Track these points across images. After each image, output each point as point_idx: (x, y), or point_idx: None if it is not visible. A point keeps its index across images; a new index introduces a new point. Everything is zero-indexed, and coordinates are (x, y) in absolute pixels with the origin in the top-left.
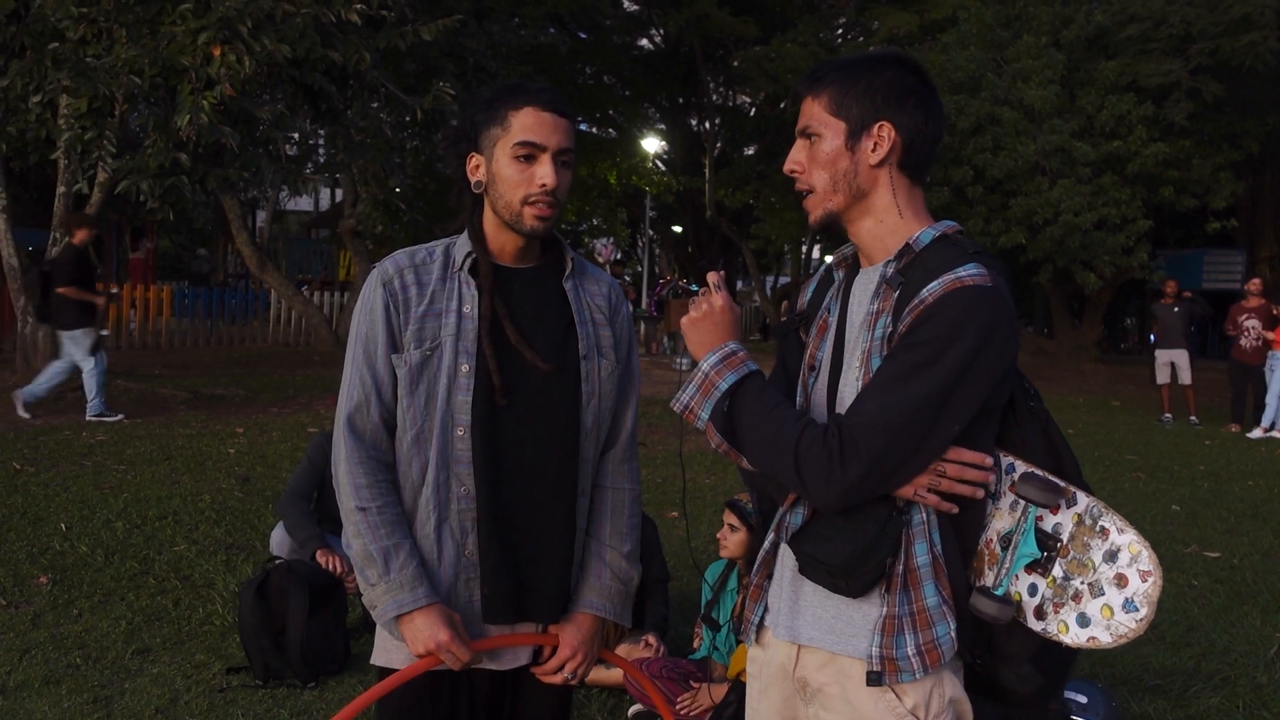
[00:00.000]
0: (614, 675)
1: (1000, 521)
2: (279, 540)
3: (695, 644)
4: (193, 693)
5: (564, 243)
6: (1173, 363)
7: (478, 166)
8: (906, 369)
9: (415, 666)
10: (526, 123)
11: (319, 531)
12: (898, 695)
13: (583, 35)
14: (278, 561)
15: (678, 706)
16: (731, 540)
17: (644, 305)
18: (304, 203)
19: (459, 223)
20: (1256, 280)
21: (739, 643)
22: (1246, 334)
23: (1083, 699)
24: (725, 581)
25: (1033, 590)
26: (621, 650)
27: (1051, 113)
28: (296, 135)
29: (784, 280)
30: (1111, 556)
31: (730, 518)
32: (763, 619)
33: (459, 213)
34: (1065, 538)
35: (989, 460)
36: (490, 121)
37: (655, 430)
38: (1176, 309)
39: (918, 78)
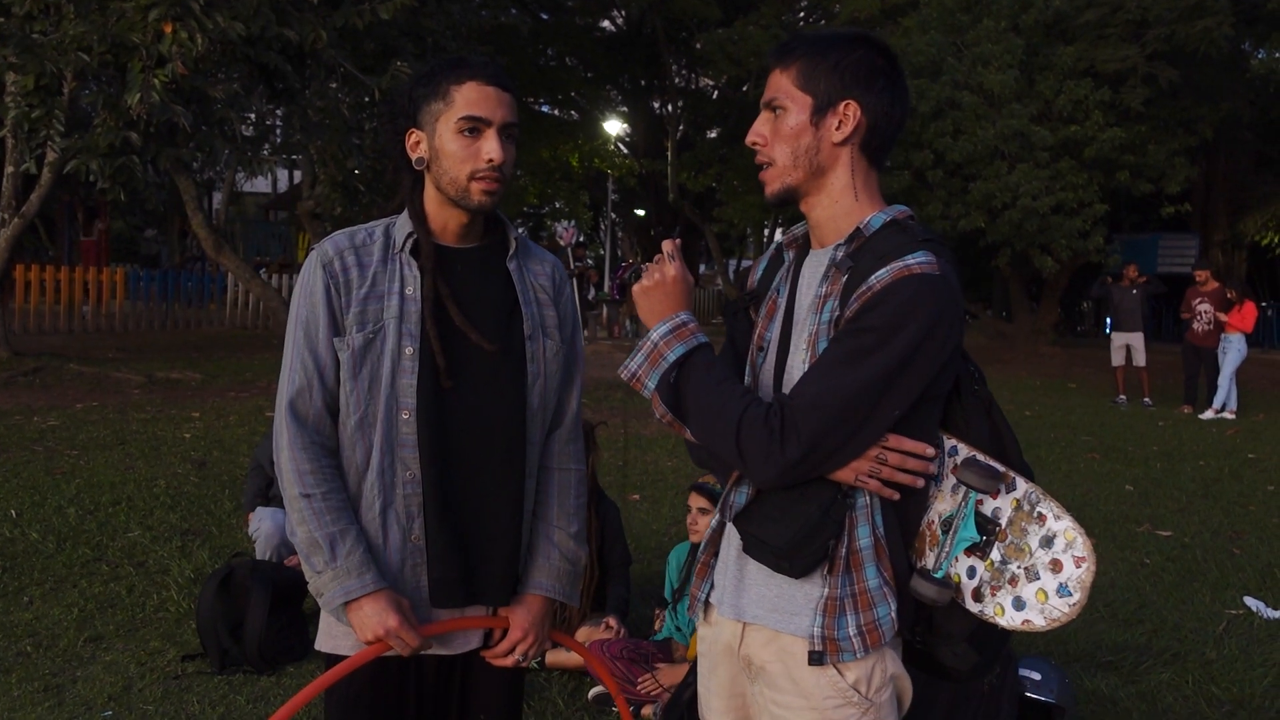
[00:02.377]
0: (574, 658)
1: (942, 504)
2: (269, 532)
3: (657, 626)
4: (147, 680)
5: (507, 222)
6: (1128, 345)
7: (418, 143)
8: (851, 353)
9: (363, 654)
10: (470, 97)
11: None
12: (840, 671)
13: (544, 16)
14: (242, 558)
15: (638, 687)
16: (703, 523)
17: (606, 288)
18: (262, 184)
19: (397, 201)
20: (1203, 271)
21: None
22: (1199, 317)
23: (1036, 676)
24: (691, 565)
25: (971, 572)
26: (582, 633)
27: (1010, 97)
28: (252, 115)
29: (747, 263)
30: (1048, 542)
31: (699, 500)
32: (709, 596)
33: (397, 192)
34: (1004, 522)
35: (930, 450)
36: (431, 96)
37: (618, 413)
38: (1134, 291)
39: (886, 60)
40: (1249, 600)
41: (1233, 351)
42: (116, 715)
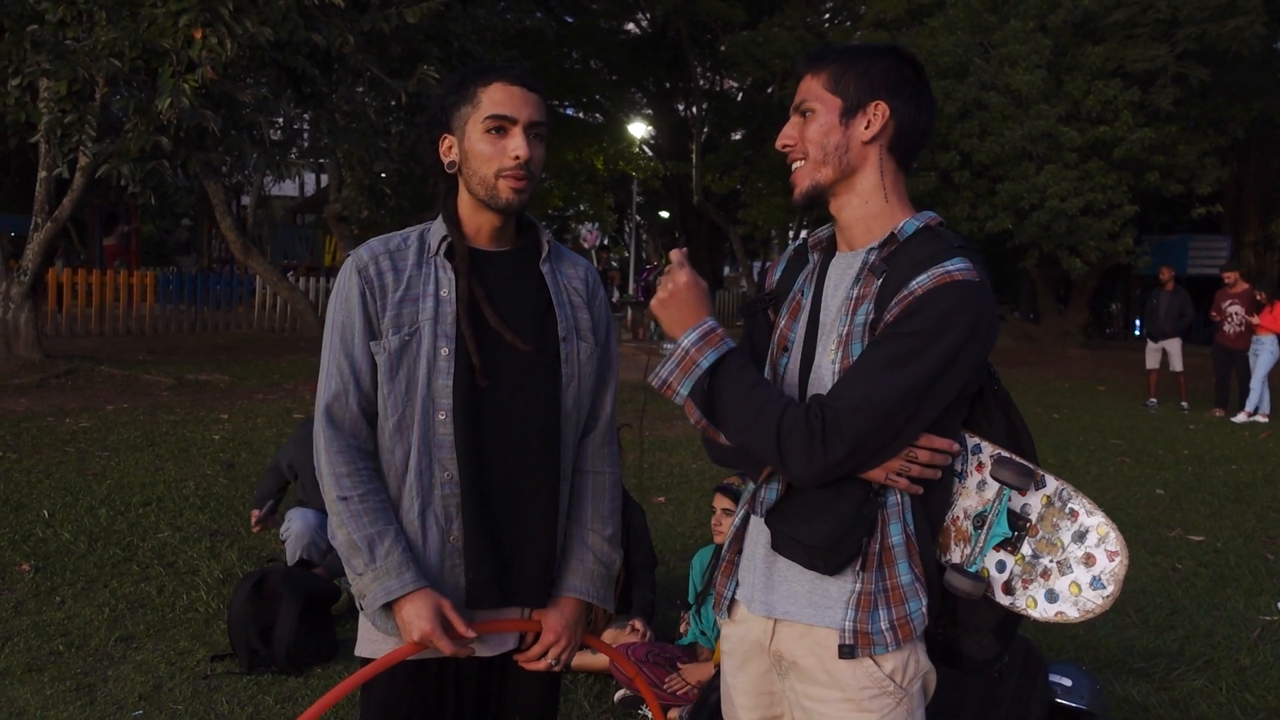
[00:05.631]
0: (600, 660)
1: (967, 500)
2: (299, 532)
3: (682, 629)
4: (177, 680)
5: (540, 226)
6: (1164, 349)
7: (450, 147)
8: (894, 357)
9: (394, 654)
10: (496, 97)
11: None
12: (876, 662)
13: (569, 19)
14: (276, 563)
15: (664, 690)
16: (728, 524)
17: (631, 291)
18: (289, 188)
19: (436, 210)
20: (1232, 273)
21: None
22: (1230, 319)
23: (1067, 682)
24: (715, 567)
25: (1001, 566)
26: (608, 635)
27: (1038, 98)
28: (280, 119)
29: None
30: (1080, 537)
31: (724, 502)
32: (734, 594)
33: (436, 200)
34: (1034, 518)
35: (956, 447)
36: (461, 101)
37: (638, 416)
38: (1176, 298)
39: (913, 70)
40: None
41: (1264, 354)
42: (147, 714)
